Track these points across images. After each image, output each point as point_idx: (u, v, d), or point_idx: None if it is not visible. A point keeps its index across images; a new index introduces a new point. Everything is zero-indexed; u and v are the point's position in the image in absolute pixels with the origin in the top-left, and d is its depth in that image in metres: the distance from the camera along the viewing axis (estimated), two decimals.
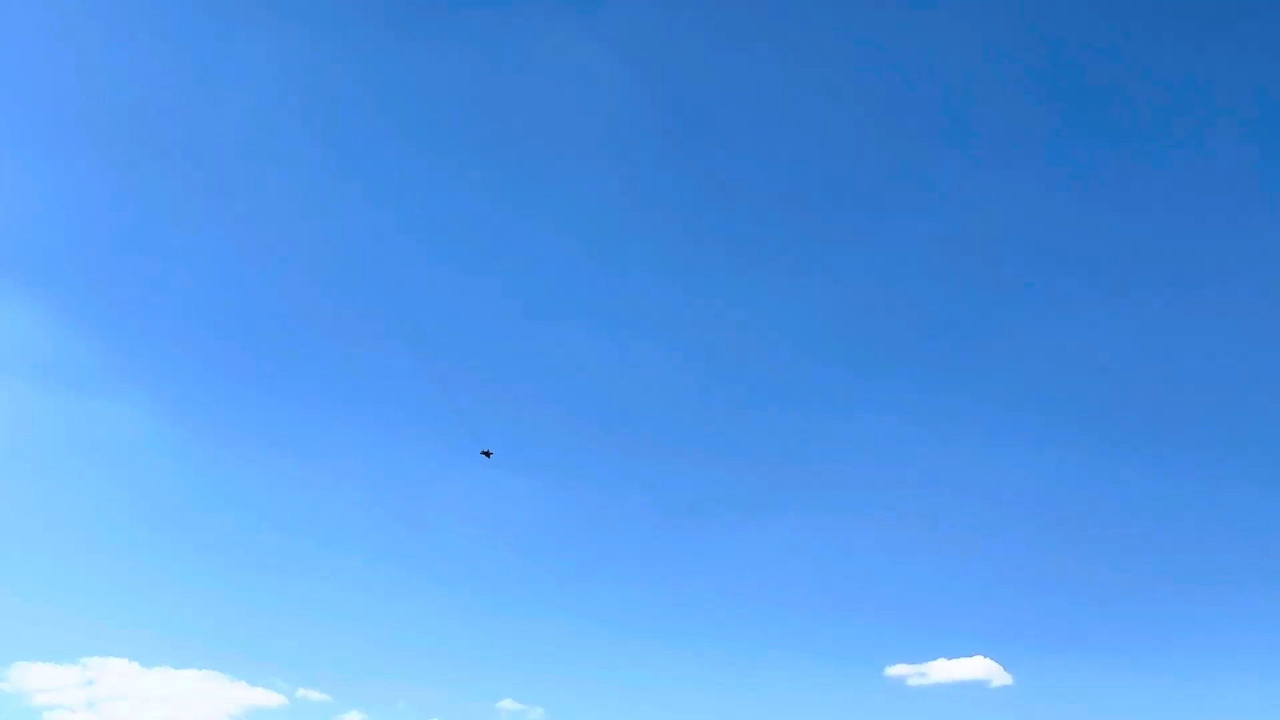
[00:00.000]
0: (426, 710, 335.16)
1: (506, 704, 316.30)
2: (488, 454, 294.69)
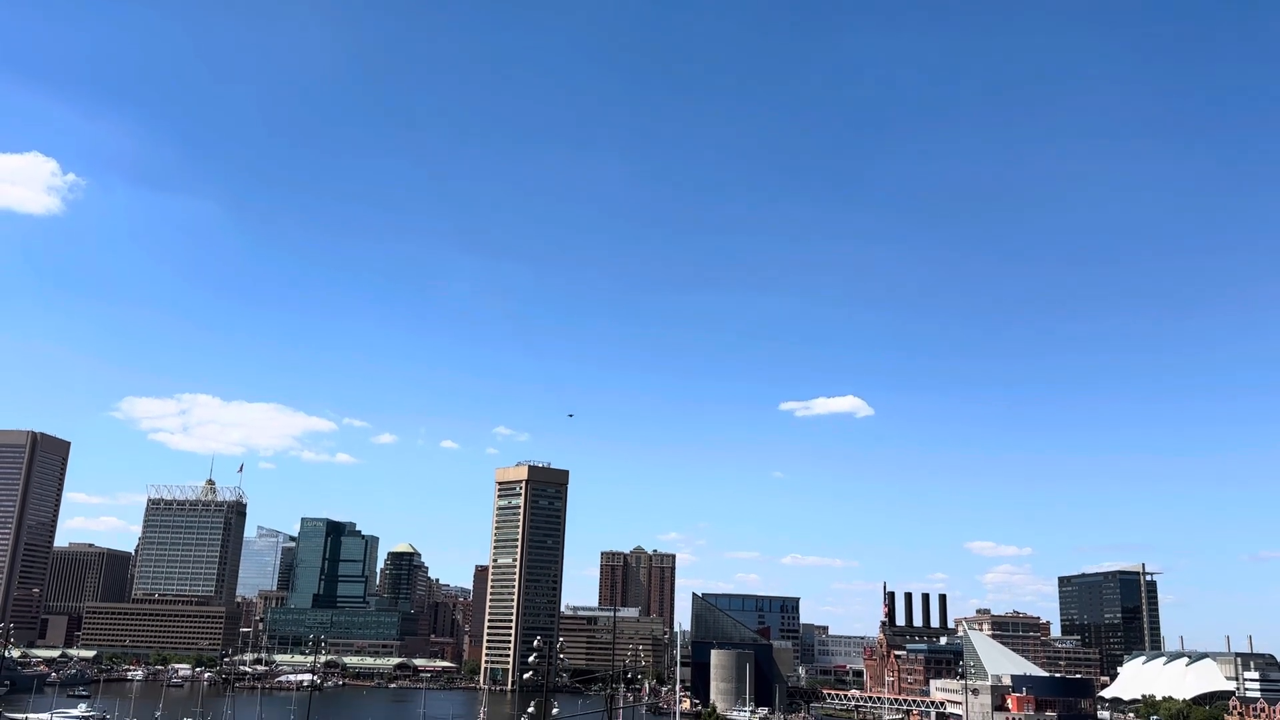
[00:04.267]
0: (441, 433, 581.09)
1: (500, 429, 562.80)
2: (570, 415, 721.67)
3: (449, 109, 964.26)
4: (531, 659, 71.09)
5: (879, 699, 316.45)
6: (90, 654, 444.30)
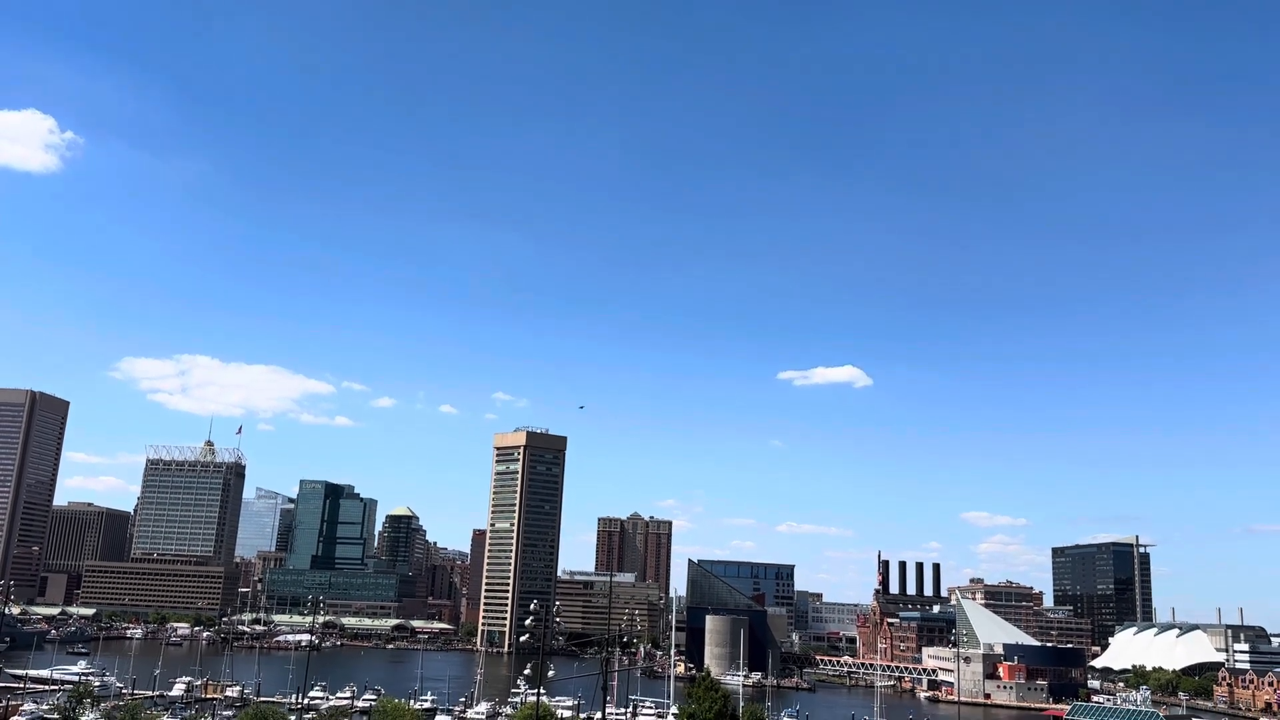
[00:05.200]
0: (440, 397, 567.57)
1: (499, 395, 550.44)
2: (581, 407, 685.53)
3: (449, 83, 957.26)
4: (528, 622, 71.71)
5: (871, 665, 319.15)
6: (90, 612, 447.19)
